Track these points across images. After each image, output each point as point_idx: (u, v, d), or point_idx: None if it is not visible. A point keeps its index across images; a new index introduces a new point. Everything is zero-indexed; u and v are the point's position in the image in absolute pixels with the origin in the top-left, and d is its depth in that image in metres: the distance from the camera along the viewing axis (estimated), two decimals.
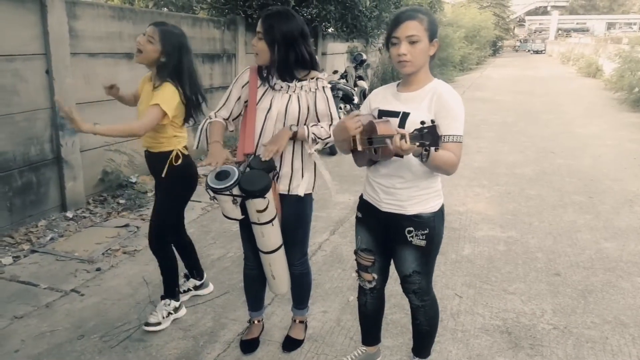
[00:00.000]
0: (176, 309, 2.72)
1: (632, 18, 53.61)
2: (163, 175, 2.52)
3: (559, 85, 16.53)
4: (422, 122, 1.52)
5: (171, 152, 2.50)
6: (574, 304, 2.94)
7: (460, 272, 3.31)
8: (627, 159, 6.46)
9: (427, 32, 1.79)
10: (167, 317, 2.66)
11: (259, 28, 2.07)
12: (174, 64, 2.40)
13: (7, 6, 3.63)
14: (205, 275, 3.01)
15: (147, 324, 2.61)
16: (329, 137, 2.15)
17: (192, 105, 2.50)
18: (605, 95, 13.32)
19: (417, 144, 1.52)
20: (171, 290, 2.71)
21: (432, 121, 1.52)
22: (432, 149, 1.51)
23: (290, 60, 2.09)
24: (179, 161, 2.52)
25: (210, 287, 3.04)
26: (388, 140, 1.60)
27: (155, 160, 2.55)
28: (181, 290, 2.86)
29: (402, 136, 1.56)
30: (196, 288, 2.97)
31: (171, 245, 2.72)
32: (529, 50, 47.34)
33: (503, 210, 4.55)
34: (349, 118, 1.84)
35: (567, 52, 29.89)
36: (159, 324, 2.61)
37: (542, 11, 61.73)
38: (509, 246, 3.76)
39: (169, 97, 2.38)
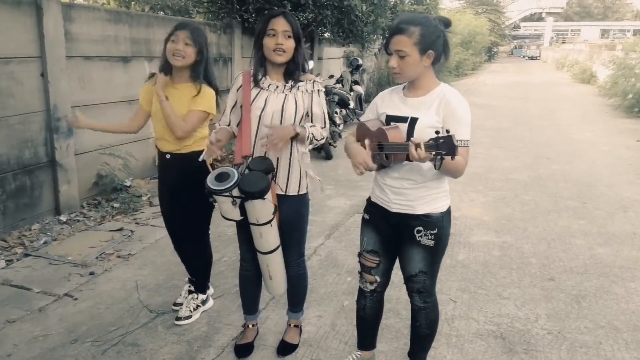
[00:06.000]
0: (204, 302, 2.82)
1: (625, 25, 54.11)
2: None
3: (554, 91, 16.63)
4: (437, 132, 1.55)
5: (202, 151, 2.49)
6: (567, 309, 2.95)
7: (455, 277, 3.32)
8: (621, 165, 6.50)
9: (416, 47, 1.78)
10: (195, 309, 2.76)
11: (284, 27, 2.07)
12: (205, 61, 2.47)
13: (2, 9, 3.62)
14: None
15: (178, 319, 2.70)
16: (323, 138, 2.21)
17: (218, 99, 2.57)
18: (599, 101, 13.41)
19: (433, 153, 1.53)
20: (203, 285, 2.81)
21: (447, 131, 1.53)
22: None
23: (303, 58, 2.18)
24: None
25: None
26: (410, 149, 1.61)
27: (185, 161, 2.51)
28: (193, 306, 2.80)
29: (417, 145, 1.57)
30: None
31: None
32: (523, 56, 47.70)
33: (498, 215, 4.57)
34: (359, 160, 1.86)
35: (562, 58, 30.12)
36: (189, 317, 2.72)
37: (537, 17, 62.11)
38: (504, 251, 3.76)
39: (213, 100, 2.48)
